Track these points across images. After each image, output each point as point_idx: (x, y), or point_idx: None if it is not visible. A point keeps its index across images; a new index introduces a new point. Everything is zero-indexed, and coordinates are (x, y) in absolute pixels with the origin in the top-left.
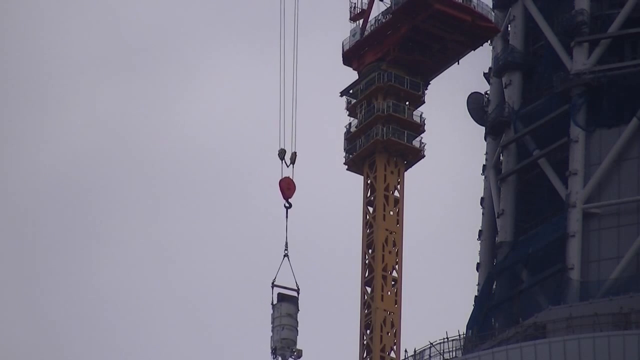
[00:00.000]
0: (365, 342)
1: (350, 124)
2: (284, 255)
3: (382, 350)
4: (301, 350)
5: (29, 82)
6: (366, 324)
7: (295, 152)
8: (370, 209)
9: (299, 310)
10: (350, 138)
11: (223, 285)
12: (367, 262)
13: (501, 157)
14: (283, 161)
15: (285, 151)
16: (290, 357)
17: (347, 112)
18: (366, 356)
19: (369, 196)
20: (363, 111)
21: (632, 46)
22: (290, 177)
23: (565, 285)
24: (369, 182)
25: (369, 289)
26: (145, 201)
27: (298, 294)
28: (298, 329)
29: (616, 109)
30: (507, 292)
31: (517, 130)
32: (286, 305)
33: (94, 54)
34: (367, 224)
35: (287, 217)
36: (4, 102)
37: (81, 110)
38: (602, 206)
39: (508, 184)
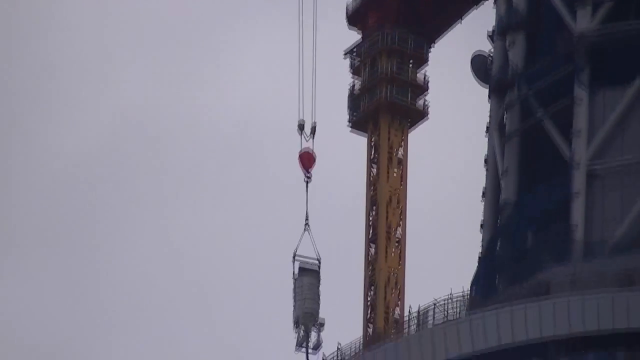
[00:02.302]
0: (369, 301)
1: (354, 84)
2: (305, 228)
3: (386, 308)
4: (324, 321)
5: (50, 67)
6: (370, 282)
7: (315, 124)
8: (374, 169)
9: (320, 281)
10: (354, 98)
11: (244, 259)
12: (371, 221)
13: (505, 118)
14: (303, 133)
15: (304, 124)
16: (313, 328)
17: (351, 73)
18: (370, 314)
19: (373, 156)
20: (367, 71)
21: (637, 6)
22: (311, 149)
23: (569, 244)
24: (372, 142)
25: (372, 248)
26: (164, 177)
27: (319, 265)
28: (320, 300)
29: (620, 69)
30: (511, 252)
31: (520, 90)
32: (308, 278)
33: (112, 39)
34: (371, 184)
35: (307, 189)
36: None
37: (101, 95)
38: (606, 166)
39: (512, 144)
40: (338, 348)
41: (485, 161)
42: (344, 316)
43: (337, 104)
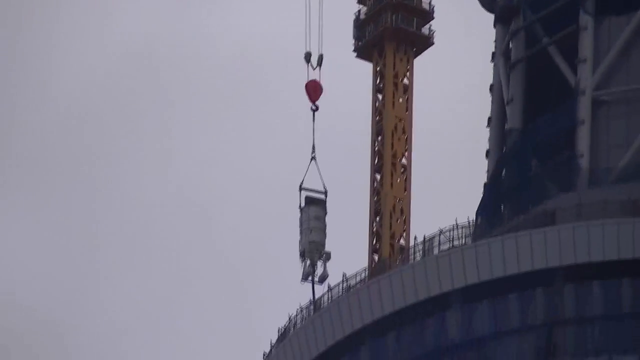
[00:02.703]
0: (374, 229)
1: (359, 11)
2: (312, 158)
3: (392, 237)
4: (330, 253)
5: None
6: (375, 211)
7: (322, 55)
8: (380, 96)
9: (326, 212)
10: (360, 25)
11: (250, 190)
12: (376, 149)
13: (510, 45)
14: (309, 64)
15: (311, 54)
16: (319, 260)
17: (357, 0)
18: (376, 242)
19: (378, 83)
20: None
21: None
22: (317, 79)
23: (574, 172)
24: (378, 69)
25: (378, 176)
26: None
27: (326, 196)
28: (326, 231)
29: None
30: (516, 180)
31: (526, 17)
32: (314, 208)
33: None
34: (376, 111)
35: (314, 120)
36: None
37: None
38: (612, 93)
39: (517, 71)
40: (344, 277)
41: (491, 89)
42: (350, 246)
43: (343, 31)
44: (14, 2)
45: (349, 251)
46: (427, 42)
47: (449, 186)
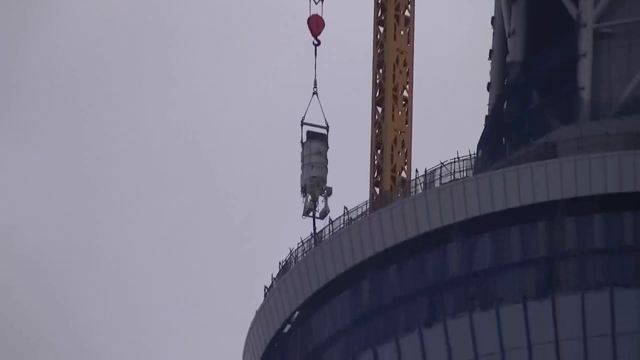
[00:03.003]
0: (376, 162)
1: None
2: (313, 93)
3: (393, 170)
4: (331, 188)
5: None
6: (377, 143)
7: None
8: (381, 29)
9: (328, 148)
10: None
11: (251, 124)
12: (377, 81)
13: None
14: None
15: None
16: (320, 195)
17: None
18: (377, 176)
19: (380, 16)
20: None
21: None
22: (319, 14)
23: (576, 105)
24: (379, 1)
25: (379, 109)
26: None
27: (327, 131)
28: (328, 166)
29: None
30: (517, 112)
31: None
32: (315, 143)
33: None
34: (378, 44)
35: (315, 54)
36: None
37: None
38: (613, 25)
39: (519, 3)
40: (345, 211)
41: (492, 21)
42: (351, 180)
43: None
44: None
45: (350, 184)
46: None
47: (450, 119)
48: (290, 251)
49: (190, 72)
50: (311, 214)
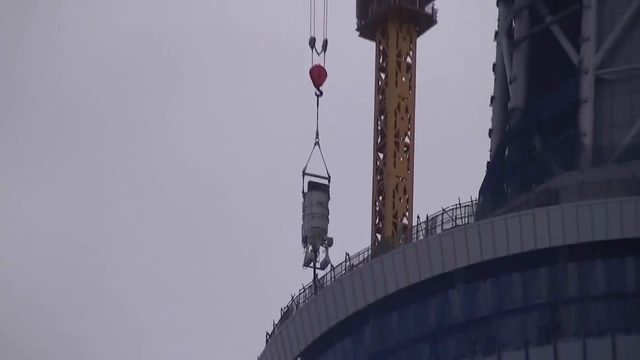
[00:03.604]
0: (377, 209)
1: None
2: (315, 143)
3: (395, 216)
4: (332, 239)
5: None
6: (378, 190)
7: (327, 39)
8: (383, 75)
9: (329, 198)
10: (362, 4)
11: (253, 173)
12: (379, 128)
13: (513, 23)
14: (314, 49)
15: (315, 39)
16: (321, 245)
17: None
18: (378, 222)
19: (381, 62)
20: None
21: None
22: (322, 64)
23: (577, 151)
24: (381, 48)
25: (381, 155)
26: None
27: (329, 182)
28: (329, 217)
29: None
30: (519, 158)
31: None
32: (317, 194)
33: None
34: (379, 90)
35: (318, 105)
36: None
37: None
38: (615, 72)
39: (520, 49)
40: (347, 257)
41: (494, 67)
42: (352, 226)
43: (346, 10)
44: None
45: (352, 231)
46: (430, 20)
47: (451, 165)
48: (292, 297)
49: (190, 123)
50: (312, 264)
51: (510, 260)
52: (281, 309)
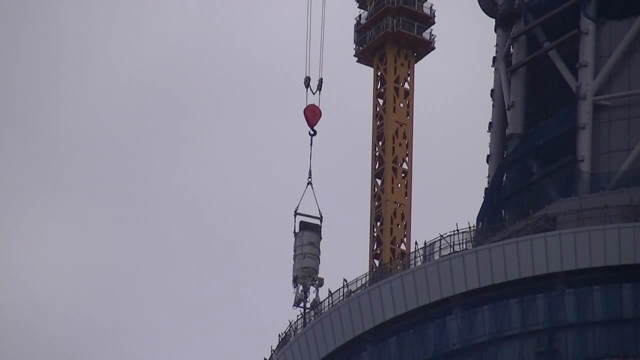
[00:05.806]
0: (375, 234)
1: (360, 16)
2: (308, 183)
3: (393, 242)
4: (322, 279)
5: None
6: (376, 216)
7: (322, 79)
8: (381, 101)
9: (321, 238)
10: (360, 30)
11: (245, 212)
12: (377, 154)
13: (511, 49)
14: (309, 88)
15: (310, 79)
16: (312, 286)
17: (357, 4)
18: (376, 248)
19: (379, 88)
20: (373, 3)
21: None
22: (316, 104)
23: (575, 177)
24: (379, 74)
25: (379, 182)
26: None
27: (321, 222)
28: (320, 257)
29: (627, 1)
30: (517, 184)
31: (527, 22)
32: (308, 234)
33: None
34: (377, 116)
35: (311, 144)
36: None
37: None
38: (613, 98)
39: (518, 76)
40: (344, 283)
41: (492, 93)
42: (350, 252)
43: (343, 36)
44: (47, 4)
45: (350, 256)
46: (428, 46)
47: (449, 191)
48: (290, 323)
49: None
50: (302, 304)
51: (508, 286)
52: (279, 335)
